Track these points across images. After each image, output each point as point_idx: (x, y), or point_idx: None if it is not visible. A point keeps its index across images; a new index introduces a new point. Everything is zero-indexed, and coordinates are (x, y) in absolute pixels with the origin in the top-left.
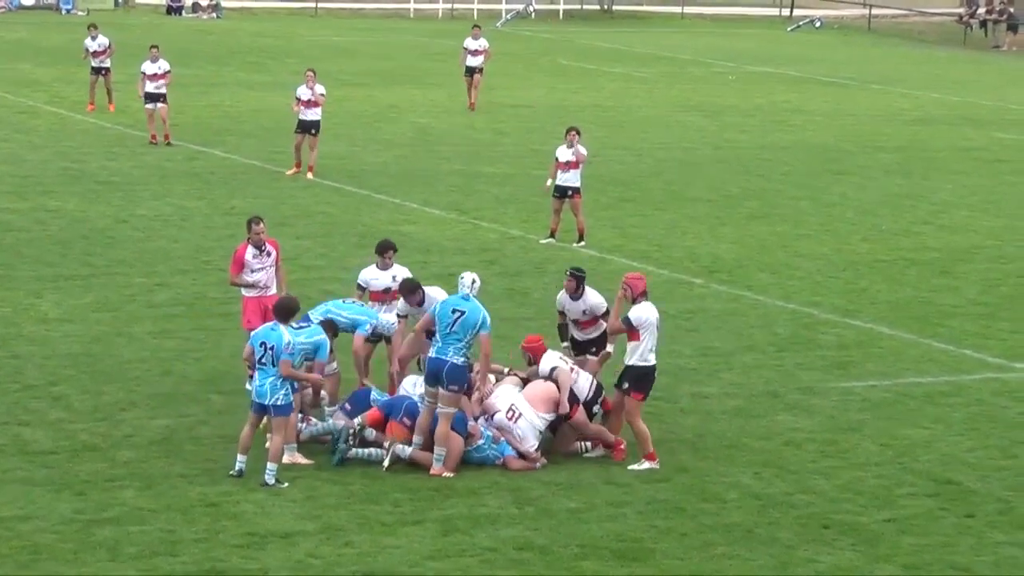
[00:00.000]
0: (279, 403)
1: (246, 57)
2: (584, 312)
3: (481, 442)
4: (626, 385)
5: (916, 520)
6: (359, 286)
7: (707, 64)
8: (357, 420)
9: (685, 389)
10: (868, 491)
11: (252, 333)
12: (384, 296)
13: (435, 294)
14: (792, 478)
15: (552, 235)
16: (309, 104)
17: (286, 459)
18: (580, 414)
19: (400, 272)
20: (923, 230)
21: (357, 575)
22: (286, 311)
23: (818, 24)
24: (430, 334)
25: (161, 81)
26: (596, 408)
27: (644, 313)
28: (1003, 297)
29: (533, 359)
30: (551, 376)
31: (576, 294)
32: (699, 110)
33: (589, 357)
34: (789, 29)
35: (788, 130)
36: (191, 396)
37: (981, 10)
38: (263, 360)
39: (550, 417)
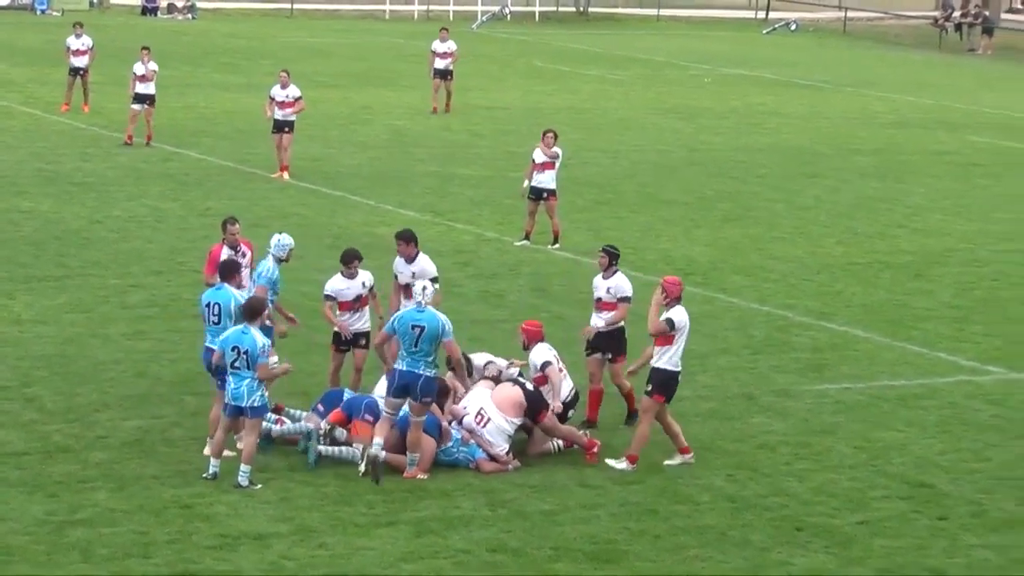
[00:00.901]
0: (255, 404)
1: (221, 58)
2: (608, 290)
3: (450, 444)
4: (649, 387)
5: (889, 522)
6: (328, 297)
7: (683, 66)
8: (323, 422)
9: None
10: (842, 493)
11: (221, 337)
12: (355, 305)
13: (426, 264)
14: (766, 480)
15: (527, 237)
16: (283, 105)
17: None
18: (550, 417)
19: (367, 278)
20: (897, 233)
21: None
22: (253, 311)
23: (793, 27)
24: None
25: (150, 82)
26: (571, 413)
27: (684, 317)
28: (976, 300)
29: (527, 343)
30: (542, 371)
31: (608, 272)
32: (674, 112)
33: (609, 364)
34: (764, 32)
35: (763, 133)
36: (165, 398)
37: (956, 13)
38: (236, 364)
39: (519, 421)
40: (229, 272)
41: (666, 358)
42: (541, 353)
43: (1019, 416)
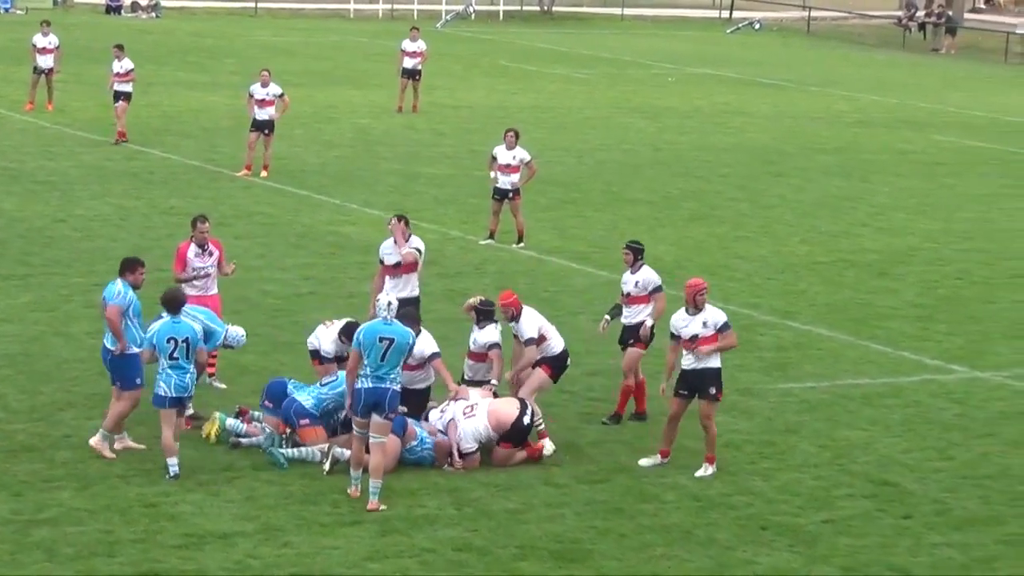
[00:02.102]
0: (193, 393)
1: (185, 57)
2: (636, 284)
3: (414, 443)
4: (713, 390)
5: (854, 521)
6: (316, 352)
7: (647, 66)
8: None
9: None
10: (806, 492)
11: (151, 333)
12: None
13: (416, 242)
14: (730, 479)
15: (491, 236)
16: (263, 103)
17: (118, 445)
18: (509, 451)
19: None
20: (861, 232)
21: None
22: (177, 302)
23: (757, 26)
24: None
25: (124, 80)
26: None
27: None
28: (940, 299)
29: (515, 314)
30: (532, 341)
31: (635, 267)
32: (639, 111)
33: (628, 348)
34: (728, 31)
35: (728, 132)
36: None
37: (920, 13)
38: (175, 355)
39: (493, 436)
40: (123, 267)
41: (717, 356)
42: (532, 322)
43: (982, 415)
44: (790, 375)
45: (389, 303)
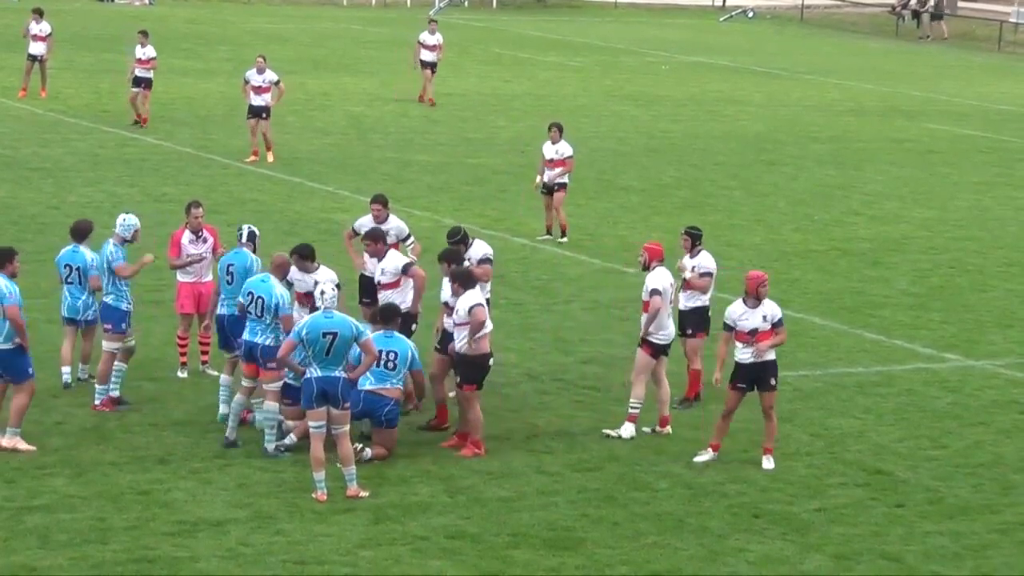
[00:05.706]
0: (89, 318)
1: (179, 44)
2: (694, 269)
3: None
4: (773, 381)
5: (846, 509)
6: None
7: (640, 54)
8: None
9: (617, 378)
10: (799, 481)
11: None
12: (307, 300)
13: (399, 223)
14: (723, 467)
15: (548, 232)
16: (259, 90)
17: (6, 442)
18: (463, 393)
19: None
20: (855, 220)
21: (288, 563)
22: (81, 232)
23: (751, 15)
24: None
25: (147, 66)
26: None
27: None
28: (933, 288)
29: (648, 263)
30: (649, 297)
31: (694, 252)
32: (632, 100)
33: (687, 339)
34: (722, 19)
35: (721, 120)
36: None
37: (912, 1)
38: (69, 279)
39: (464, 341)
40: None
41: (751, 350)
42: (658, 278)
43: (976, 403)
44: (783, 363)
45: (323, 292)
